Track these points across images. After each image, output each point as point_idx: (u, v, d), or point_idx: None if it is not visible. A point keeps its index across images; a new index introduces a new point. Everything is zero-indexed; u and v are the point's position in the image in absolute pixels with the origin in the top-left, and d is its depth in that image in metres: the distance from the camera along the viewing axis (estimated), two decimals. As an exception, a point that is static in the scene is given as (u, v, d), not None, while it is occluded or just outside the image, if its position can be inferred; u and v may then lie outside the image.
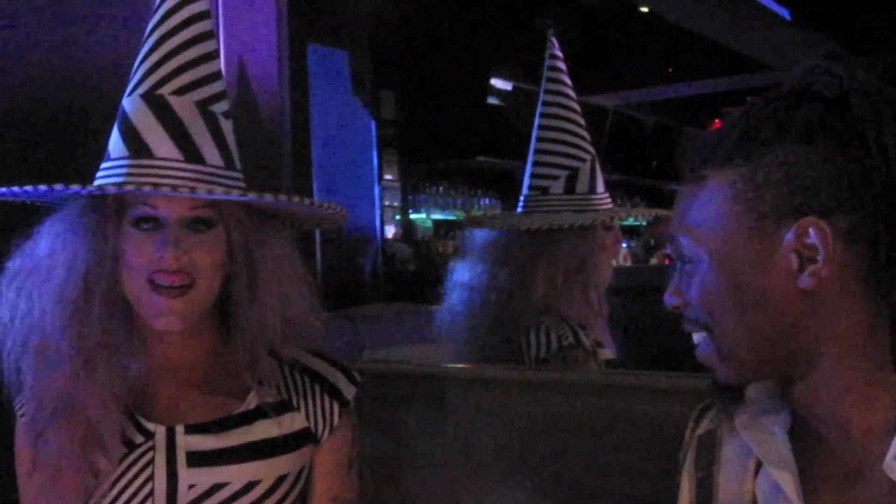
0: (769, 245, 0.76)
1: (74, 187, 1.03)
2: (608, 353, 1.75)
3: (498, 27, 5.85)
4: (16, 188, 1.06)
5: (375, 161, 5.77)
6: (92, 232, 1.05)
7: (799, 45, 5.51)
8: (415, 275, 5.48)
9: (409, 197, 6.34)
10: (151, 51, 1.10)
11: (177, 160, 1.06)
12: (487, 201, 6.90)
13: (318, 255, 4.78)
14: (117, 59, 1.54)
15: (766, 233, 0.76)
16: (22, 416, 1.11)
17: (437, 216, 6.55)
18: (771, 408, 0.84)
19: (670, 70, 6.45)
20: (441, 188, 6.68)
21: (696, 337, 0.84)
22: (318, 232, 4.84)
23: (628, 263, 6.05)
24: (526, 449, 1.39)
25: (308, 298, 1.15)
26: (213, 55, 1.13)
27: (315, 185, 3.91)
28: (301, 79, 4.66)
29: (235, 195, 1.07)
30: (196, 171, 1.06)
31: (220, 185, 1.07)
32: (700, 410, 0.97)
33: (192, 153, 1.07)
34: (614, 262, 1.86)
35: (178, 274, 1.05)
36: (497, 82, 6.39)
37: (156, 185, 1.03)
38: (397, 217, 5.97)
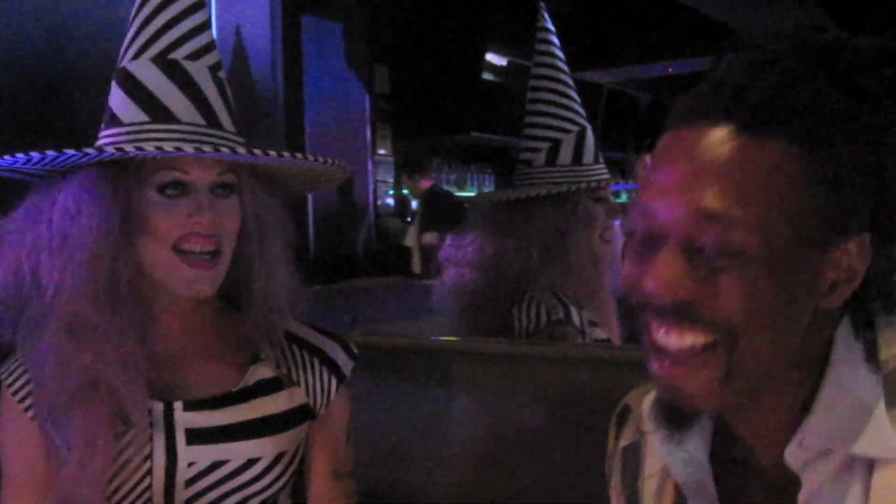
0: (818, 253, 0.64)
1: (138, 150, 0.98)
2: (601, 332, 1.73)
3: (494, 2, 5.80)
4: (35, 153, 1.00)
5: (369, 135, 5.73)
6: (116, 200, 1.01)
7: (796, 23, 5.48)
8: (408, 249, 5.47)
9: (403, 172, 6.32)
10: (154, 14, 1.07)
11: (200, 125, 1.04)
12: (481, 177, 6.89)
13: (311, 229, 4.78)
14: (104, 28, 1.52)
15: (822, 240, 0.64)
16: (20, 394, 1.05)
17: (431, 191, 6.54)
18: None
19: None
20: (435, 163, 6.65)
21: (685, 342, 0.66)
22: (311, 206, 4.84)
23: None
24: (514, 420, 1.40)
25: (293, 267, 1.15)
26: (209, 23, 1.12)
27: (308, 159, 3.88)
28: (295, 51, 4.62)
29: (289, 157, 1.06)
30: (219, 137, 1.05)
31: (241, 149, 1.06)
32: (619, 415, 0.89)
33: (212, 118, 1.06)
34: (609, 238, 1.78)
35: (210, 238, 1.03)
36: (492, 57, 6.35)
37: (198, 148, 1.01)
38: (390, 192, 5.96)
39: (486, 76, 6.38)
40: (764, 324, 0.64)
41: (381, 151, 5.96)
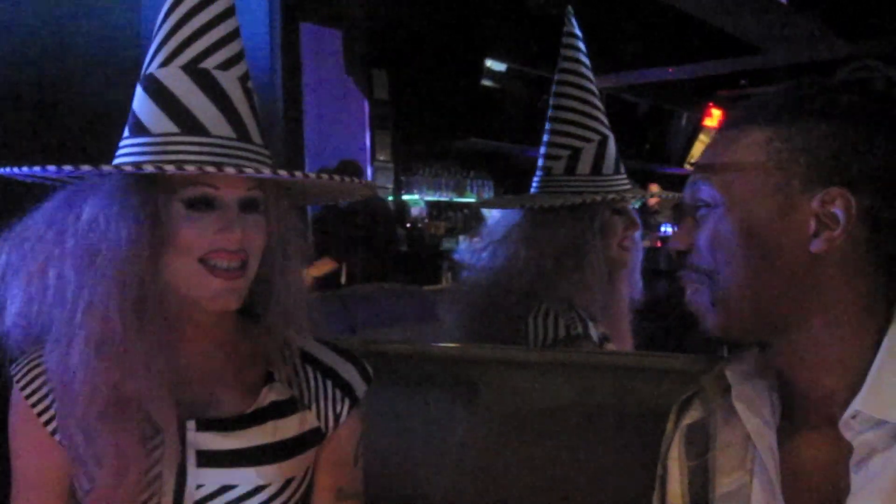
0: (791, 205, 0.79)
1: (188, 167, 0.97)
2: (613, 348, 1.70)
3: (493, 8, 5.81)
4: (74, 168, 0.97)
5: (368, 142, 5.75)
6: (145, 213, 0.99)
7: (794, 29, 5.50)
8: (407, 255, 5.47)
9: (402, 178, 6.33)
10: (184, 20, 1.04)
11: (231, 138, 1.02)
12: (480, 183, 6.89)
13: (310, 234, 4.77)
14: (107, 35, 1.52)
15: (790, 192, 0.80)
16: (33, 398, 1.04)
17: (430, 197, 6.55)
18: (758, 381, 0.88)
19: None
20: (434, 169, 6.67)
21: (690, 286, 0.86)
22: (309, 212, 4.82)
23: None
24: (517, 427, 1.40)
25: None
26: (239, 32, 1.09)
27: (307, 167, 3.89)
28: (293, 58, 4.61)
29: (316, 177, 1.04)
30: (249, 151, 1.04)
31: (266, 164, 1.05)
32: (682, 403, 0.98)
33: (242, 131, 1.04)
34: (627, 246, 1.74)
35: (237, 254, 1.02)
36: (491, 63, 6.36)
37: (238, 166, 0.99)
38: (390, 198, 5.97)
39: (485, 82, 6.38)
40: (733, 254, 0.81)
41: (381, 157, 5.97)
